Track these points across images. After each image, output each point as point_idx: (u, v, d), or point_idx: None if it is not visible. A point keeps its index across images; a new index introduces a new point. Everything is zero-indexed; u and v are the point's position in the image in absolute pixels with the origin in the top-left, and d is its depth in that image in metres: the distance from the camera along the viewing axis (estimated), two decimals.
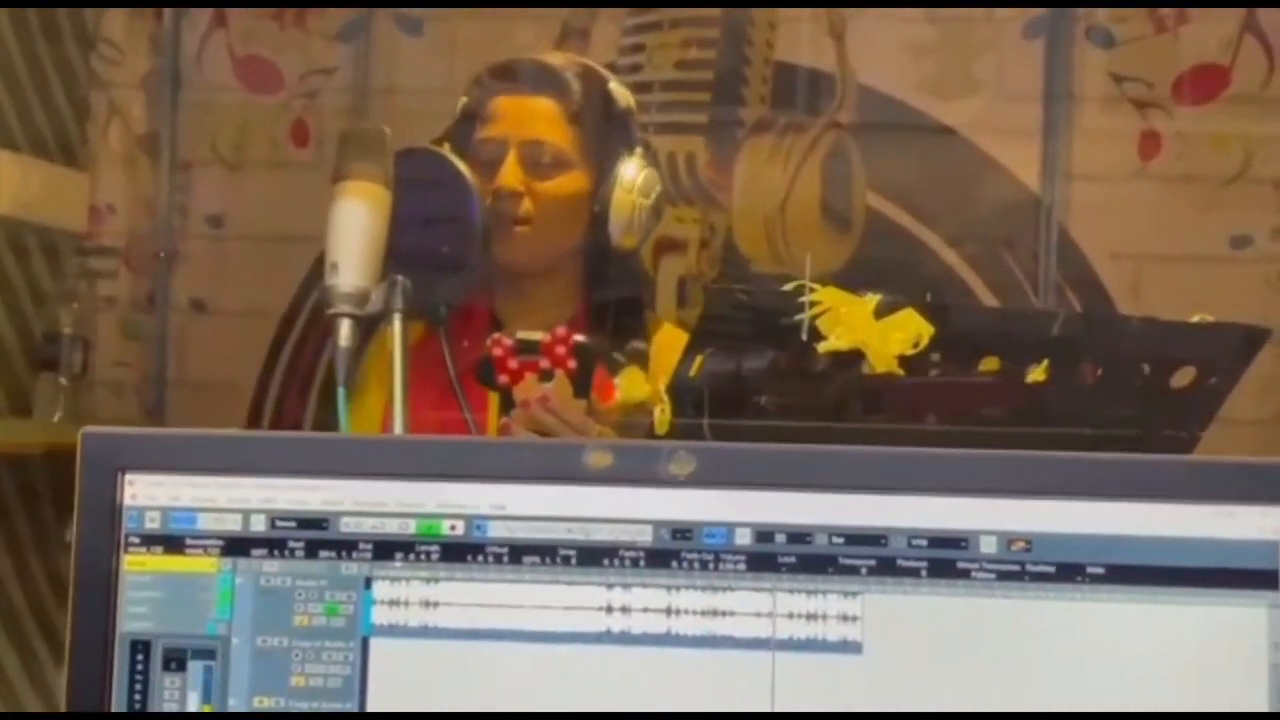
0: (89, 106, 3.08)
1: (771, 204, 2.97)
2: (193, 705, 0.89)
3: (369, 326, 1.79)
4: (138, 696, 0.89)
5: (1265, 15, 2.86)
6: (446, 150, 2.03)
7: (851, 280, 2.88)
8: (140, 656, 0.89)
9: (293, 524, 0.90)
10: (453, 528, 0.90)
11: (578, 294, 2.11)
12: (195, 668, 0.90)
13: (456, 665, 0.89)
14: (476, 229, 1.96)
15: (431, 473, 0.90)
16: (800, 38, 3.00)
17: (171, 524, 0.90)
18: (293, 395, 3.01)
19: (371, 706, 0.89)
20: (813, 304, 1.51)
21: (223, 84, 3.09)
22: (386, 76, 3.06)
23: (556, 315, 2.06)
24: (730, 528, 0.89)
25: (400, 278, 1.82)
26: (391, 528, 0.90)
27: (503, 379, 1.83)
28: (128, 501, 0.90)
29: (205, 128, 3.10)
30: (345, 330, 1.71)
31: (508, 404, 1.91)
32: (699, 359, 1.52)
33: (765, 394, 1.51)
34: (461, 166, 1.97)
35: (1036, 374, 1.65)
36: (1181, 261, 2.88)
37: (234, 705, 0.89)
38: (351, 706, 0.89)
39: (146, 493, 0.90)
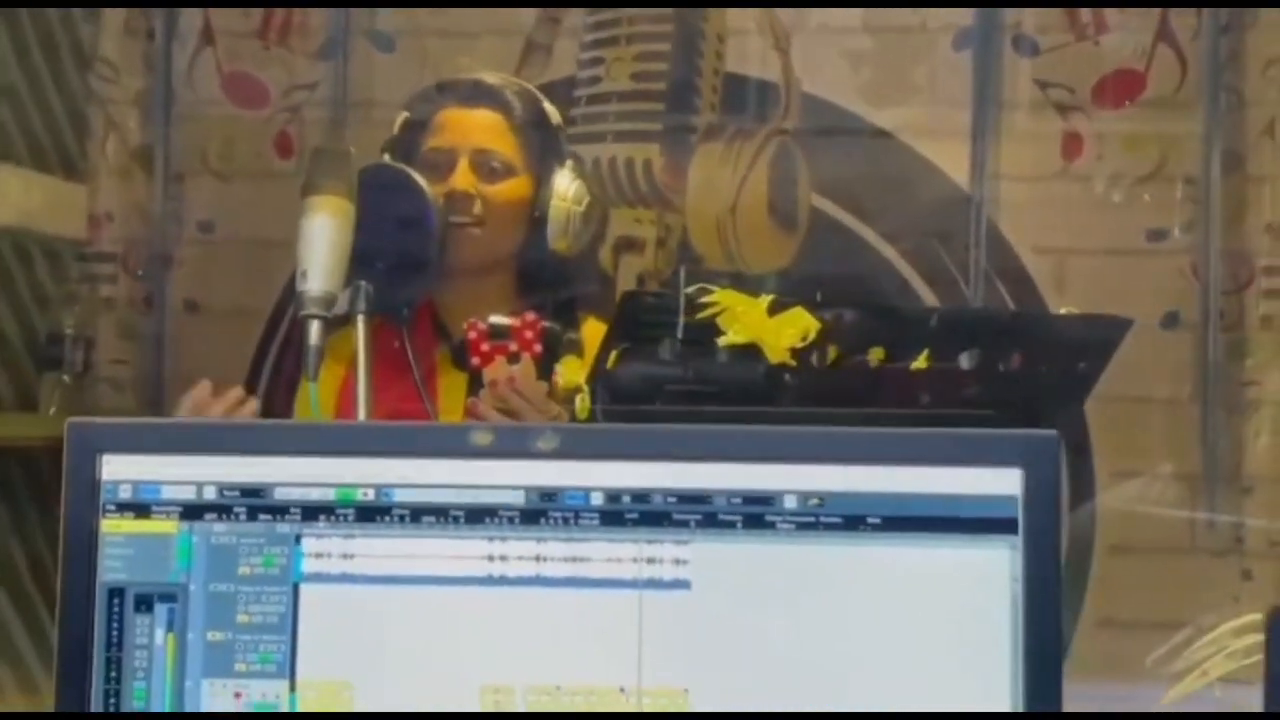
0: (87, 122, 3.27)
1: (722, 205, 3.15)
2: (159, 639, 1.11)
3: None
4: (115, 633, 1.11)
5: (1178, 25, 3.05)
6: (385, 160, 2.21)
7: (798, 274, 3.11)
8: (116, 601, 1.11)
9: (237, 493, 1.11)
10: (365, 494, 1.11)
11: (514, 293, 2.23)
12: (161, 609, 1.11)
13: (370, 604, 1.10)
14: (435, 235, 2.15)
15: (348, 450, 1.11)
16: (748, 50, 3.19)
17: (140, 495, 1.11)
18: (280, 388, 3.20)
19: (302, 638, 1.10)
20: (712, 304, 1.72)
21: (212, 99, 3.28)
22: (363, 90, 3.25)
23: (495, 313, 2.21)
24: (586, 491, 1.10)
25: (363, 283, 2.02)
26: (316, 495, 1.11)
27: (475, 361, 2.00)
28: (105, 477, 1.11)
29: (196, 141, 3.28)
30: (315, 331, 1.90)
31: (475, 386, 2.09)
32: (614, 354, 1.73)
33: (672, 383, 1.71)
34: (420, 179, 2.15)
35: (918, 363, 1.85)
36: (1102, 254, 3.07)
37: (192, 639, 1.10)
38: (286, 639, 1.10)
39: (120, 470, 1.11)
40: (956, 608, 1.08)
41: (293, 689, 1.10)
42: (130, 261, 3.28)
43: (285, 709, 1.10)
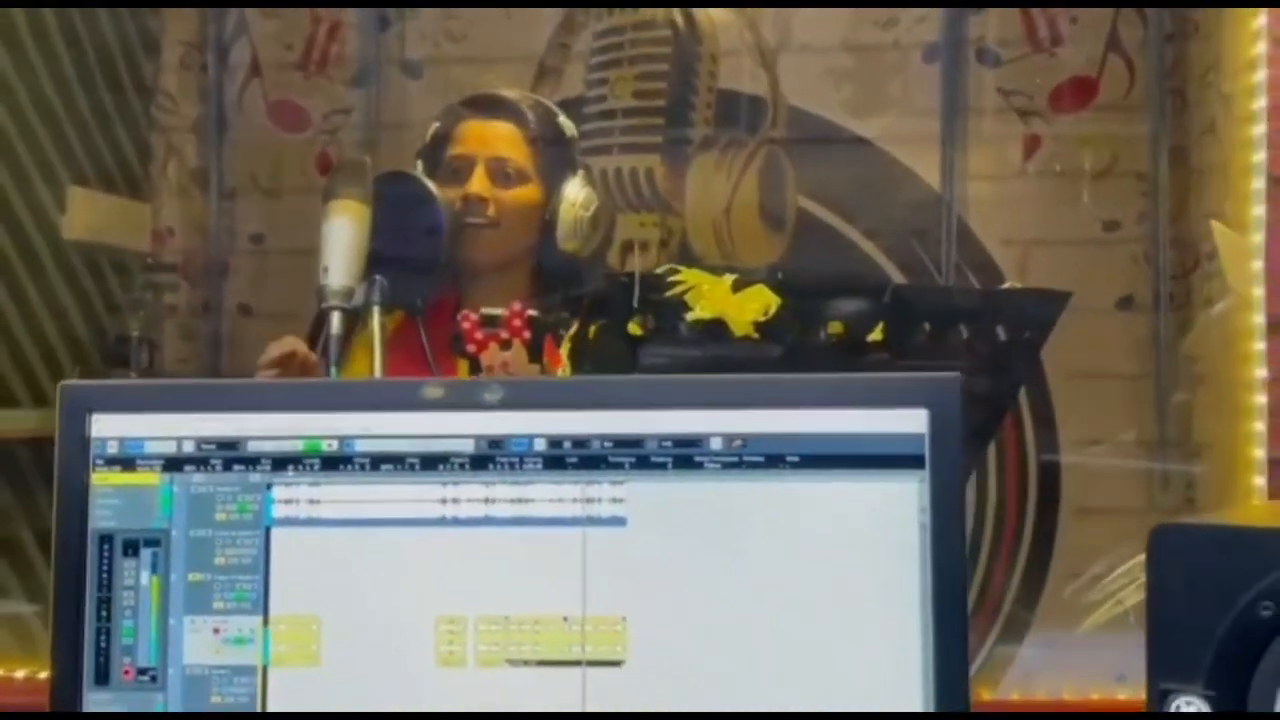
0: (149, 148, 3.25)
1: (718, 209, 3.11)
2: (145, 581, 1.08)
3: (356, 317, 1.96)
4: (105, 575, 1.08)
5: (1127, 36, 2.99)
6: (419, 168, 2.19)
7: (787, 270, 3.07)
8: (106, 546, 1.08)
9: (213, 446, 1.09)
10: (330, 445, 1.08)
11: (529, 289, 2.20)
12: (146, 553, 1.08)
13: (334, 545, 1.08)
14: (445, 236, 2.12)
15: (314, 406, 1.09)
16: (739, 69, 3.15)
17: (126, 449, 1.09)
18: None
19: (273, 577, 1.08)
20: (680, 283, 1.69)
21: (259, 125, 3.25)
22: (394, 114, 3.22)
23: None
24: (530, 438, 1.07)
25: (378, 276, 1.99)
26: (285, 447, 1.08)
27: (470, 348, 1.98)
28: (95, 434, 1.09)
29: (246, 162, 3.26)
30: (335, 321, 1.89)
31: (474, 370, 2.07)
32: (593, 329, 1.70)
33: (646, 355, 1.68)
34: (431, 185, 2.13)
35: (875, 335, 1.82)
36: (1061, 244, 3.02)
37: (174, 580, 1.08)
38: (259, 578, 1.08)
39: (108, 427, 1.09)
40: (870, 536, 1.04)
41: (266, 623, 1.08)
42: (190, 271, 3.27)
43: (259, 642, 1.08)
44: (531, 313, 1.97)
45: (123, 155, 3.19)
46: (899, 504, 1.04)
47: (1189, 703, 0.90)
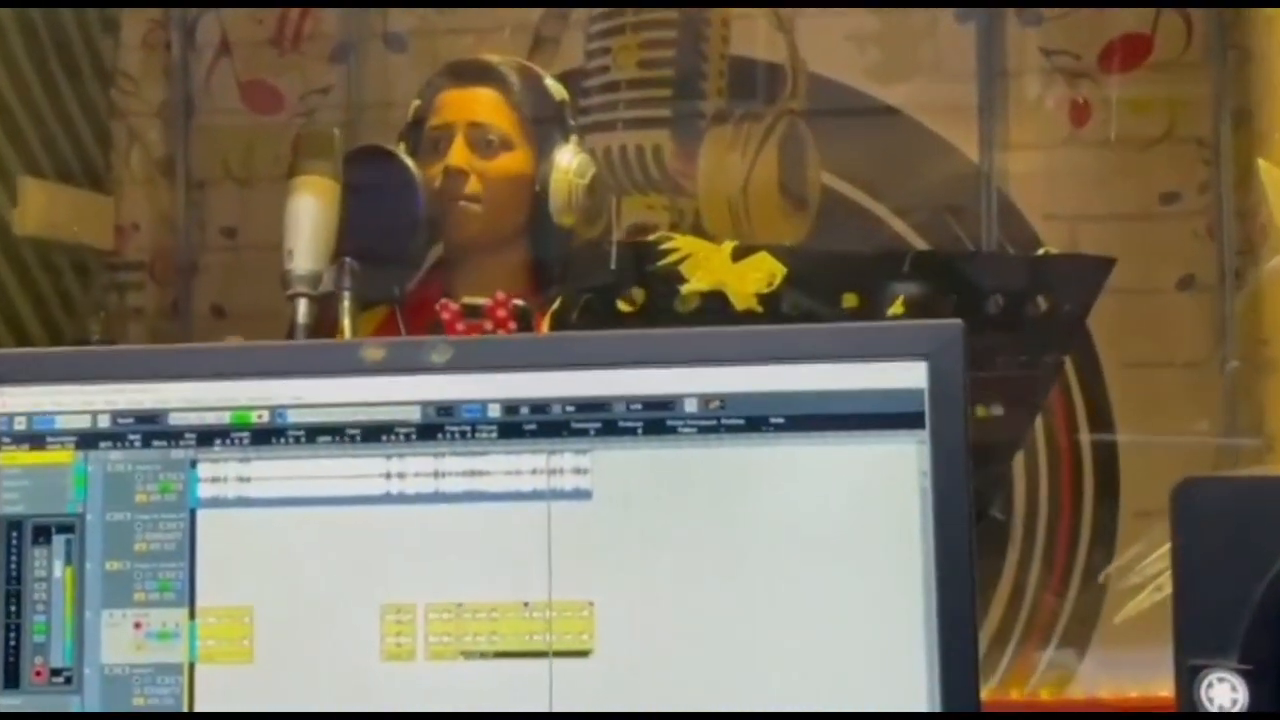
0: (110, 136, 3.26)
1: (734, 187, 3.09)
2: (58, 571, 1.06)
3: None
4: (14, 566, 1.06)
5: None
6: (400, 149, 2.16)
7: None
8: (14, 533, 1.06)
9: (131, 420, 1.06)
10: (260, 416, 1.06)
11: (524, 278, 2.16)
12: (59, 540, 1.06)
13: (267, 527, 1.05)
14: (422, 218, 2.09)
15: (240, 373, 1.06)
16: (753, 33, 3.13)
17: (35, 425, 1.07)
18: None
19: (200, 565, 1.05)
20: (675, 251, 1.66)
21: (230, 108, 3.26)
22: (377, 91, 3.21)
23: (507, 291, 2.17)
24: (483, 403, 1.05)
25: (348, 259, 1.97)
26: (210, 419, 1.06)
27: None
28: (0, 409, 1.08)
29: (216, 149, 3.27)
30: (302, 309, 1.86)
31: None
32: (579, 304, 1.67)
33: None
34: (408, 161, 2.10)
35: (895, 308, 1.78)
36: (1114, 219, 2.98)
37: (90, 569, 1.06)
38: (184, 566, 1.05)
39: (14, 401, 1.07)
40: (865, 505, 1.01)
41: (192, 616, 1.05)
42: (157, 269, 3.26)
43: (185, 637, 1.05)
44: (517, 302, 1.94)
45: (80, 143, 3.19)
46: (896, 468, 1.01)
47: (1221, 679, 0.86)
